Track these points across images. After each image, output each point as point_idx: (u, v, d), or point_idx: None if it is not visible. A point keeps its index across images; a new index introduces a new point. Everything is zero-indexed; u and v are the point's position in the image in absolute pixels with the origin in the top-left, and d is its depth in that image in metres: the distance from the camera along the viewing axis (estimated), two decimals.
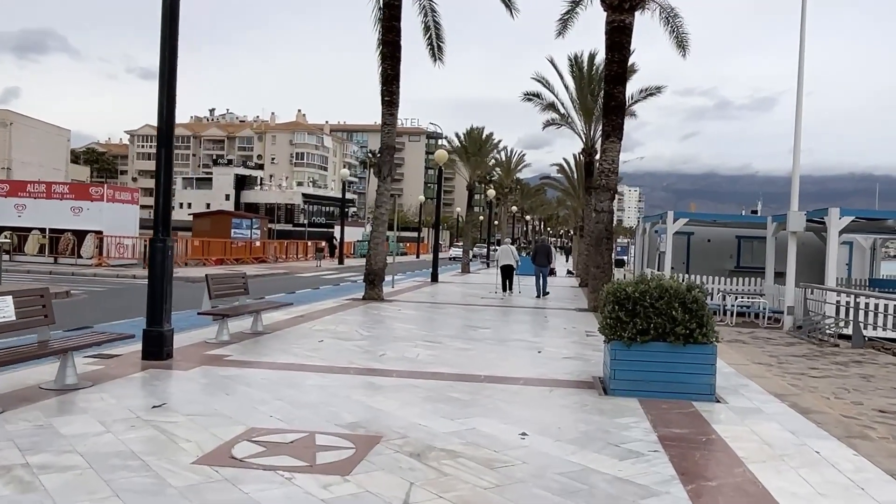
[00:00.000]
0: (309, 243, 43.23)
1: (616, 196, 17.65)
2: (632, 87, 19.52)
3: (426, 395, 7.13)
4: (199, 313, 9.96)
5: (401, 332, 12.27)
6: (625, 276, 36.84)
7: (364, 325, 12.81)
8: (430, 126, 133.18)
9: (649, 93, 25.71)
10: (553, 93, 27.52)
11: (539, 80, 27.22)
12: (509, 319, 15.19)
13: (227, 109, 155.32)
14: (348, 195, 74.18)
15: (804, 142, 16.54)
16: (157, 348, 8.48)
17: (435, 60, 21.38)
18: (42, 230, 27.21)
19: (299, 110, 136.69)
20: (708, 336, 7.38)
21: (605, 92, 17.47)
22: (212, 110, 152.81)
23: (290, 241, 44.22)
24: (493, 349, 10.56)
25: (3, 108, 67.37)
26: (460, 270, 36.90)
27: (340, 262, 39.31)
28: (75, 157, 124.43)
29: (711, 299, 19.86)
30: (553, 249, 27.60)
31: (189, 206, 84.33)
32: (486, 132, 38.77)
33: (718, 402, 7.32)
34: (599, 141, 27.42)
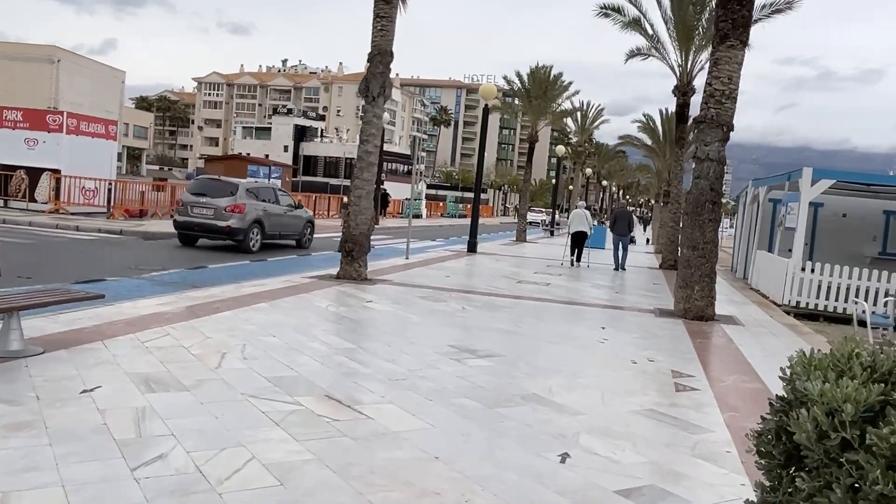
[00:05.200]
0: (345, 199, 37.53)
1: (729, 138, 11.13)
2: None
3: None
4: None
5: (312, 365, 6.37)
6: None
7: (258, 340, 6.98)
8: (505, 84, 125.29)
9: (775, 8, 18.56)
10: (639, 9, 20.64)
11: None
12: (539, 332, 9.10)
13: (300, 60, 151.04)
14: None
15: None
16: None
17: None
18: None
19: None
20: None
21: None
22: (284, 61, 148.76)
23: (319, 196, 38.62)
24: (460, 436, 4.55)
25: (49, 45, 64.20)
26: (514, 238, 30.70)
27: (375, 222, 33.59)
28: (148, 105, 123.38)
29: (846, 300, 13.55)
30: (634, 217, 23.58)
31: (248, 156, 79.97)
32: (554, 73, 31.92)
33: None
34: (700, 72, 20.61)
